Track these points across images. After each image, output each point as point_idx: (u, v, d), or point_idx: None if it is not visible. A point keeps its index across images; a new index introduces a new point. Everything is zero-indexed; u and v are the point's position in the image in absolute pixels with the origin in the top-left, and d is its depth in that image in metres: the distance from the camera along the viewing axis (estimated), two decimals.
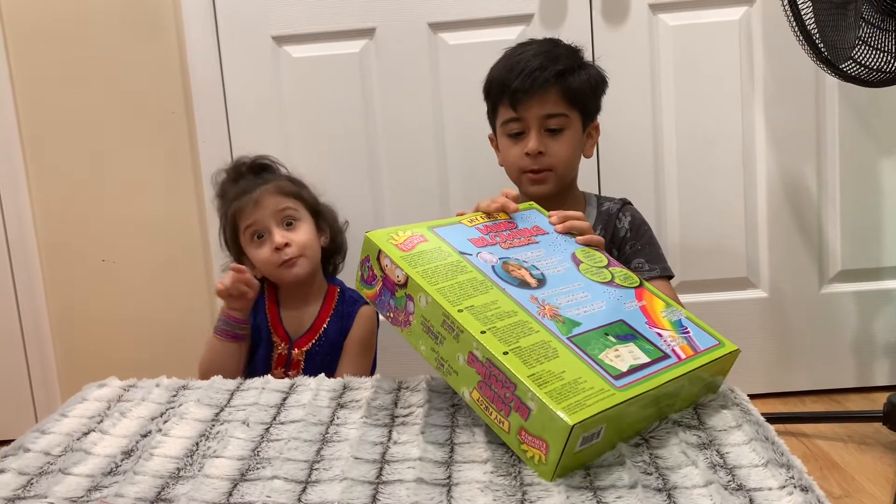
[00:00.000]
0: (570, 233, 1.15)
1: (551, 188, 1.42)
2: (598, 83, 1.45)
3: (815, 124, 1.82)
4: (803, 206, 1.85)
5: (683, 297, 1.85)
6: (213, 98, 1.85)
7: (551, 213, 1.18)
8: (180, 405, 1.05)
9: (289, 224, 1.58)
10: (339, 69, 1.84)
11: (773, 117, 1.82)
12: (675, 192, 1.85)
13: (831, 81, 1.77)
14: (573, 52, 1.45)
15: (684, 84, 1.81)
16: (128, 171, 1.93)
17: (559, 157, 1.40)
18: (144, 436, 0.95)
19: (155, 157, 1.92)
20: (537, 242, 1.09)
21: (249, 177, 1.65)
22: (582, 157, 1.48)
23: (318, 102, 1.85)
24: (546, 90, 1.37)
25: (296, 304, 1.63)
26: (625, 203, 1.50)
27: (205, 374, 1.53)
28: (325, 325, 1.61)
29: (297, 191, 1.64)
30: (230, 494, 0.79)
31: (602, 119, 1.50)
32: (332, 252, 1.70)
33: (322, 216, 1.66)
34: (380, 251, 0.97)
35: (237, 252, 1.64)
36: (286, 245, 1.54)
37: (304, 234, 1.58)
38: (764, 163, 1.84)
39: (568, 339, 0.89)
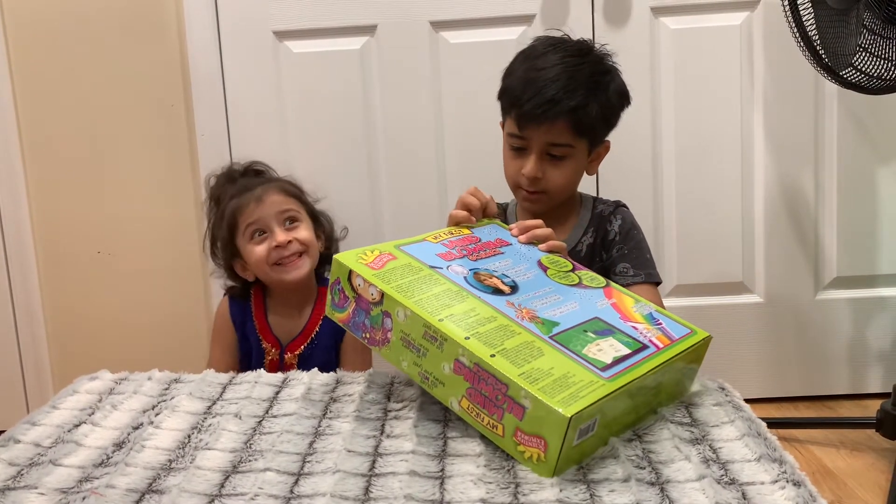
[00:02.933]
0: (532, 242, 1.16)
1: (543, 209, 1.40)
2: (616, 109, 1.38)
3: (813, 131, 1.83)
4: (800, 212, 1.86)
5: (679, 301, 1.86)
6: (213, 92, 1.85)
7: (511, 225, 1.19)
8: (172, 398, 1.04)
9: (290, 223, 1.57)
10: (339, 65, 1.84)
11: (771, 123, 1.83)
12: (673, 195, 1.85)
13: (831, 88, 1.78)
14: (597, 75, 1.35)
15: (684, 88, 1.82)
16: (125, 163, 1.92)
17: (555, 184, 1.37)
18: (136, 428, 0.95)
19: (153, 150, 1.92)
20: (503, 253, 1.10)
21: (247, 177, 1.65)
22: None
23: (317, 98, 1.85)
24: (555, 122, 1.31)
25: (286, 309, 1.62)
26: (618, 206, 1.47)
27: None
28: (317, 328, 1.60)
29: (299, 193, 1.64)
30: (222, 486, 0.79)
31: None
32: (326, 259, 1.69)
33: (319, 222, 1.66)
34: (350, 272, 0.97)
35: (230, 254, 1.62)
36: (288, 242, 1.54)
37: (305, 232, 1.58)
38: (762, 168, 1.84)
39: (550, 338, 0.89)
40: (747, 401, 1.00)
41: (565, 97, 1.29)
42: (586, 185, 1.57)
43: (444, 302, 0.92)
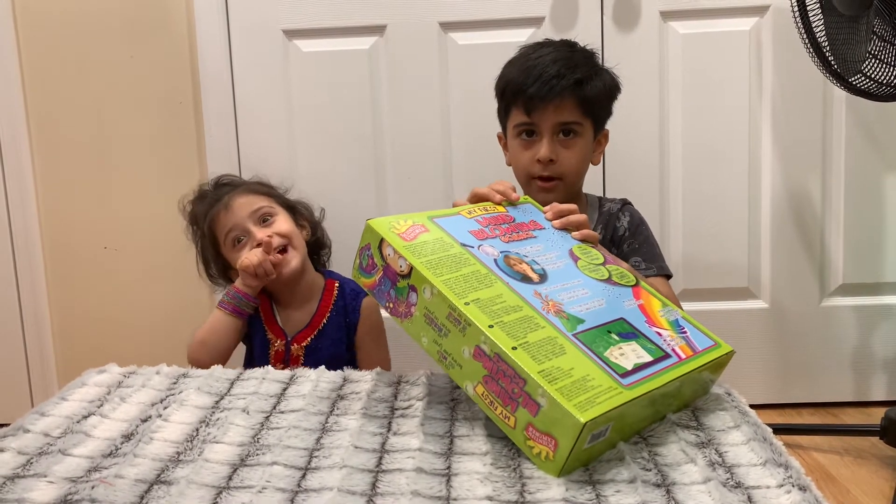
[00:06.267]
0: (566, 228, 1.15)
1: (559, 196, 1.40)
2: (612, 90, 1.44)
3: (821, 137, 1.83)
4: (807, 218, 1.85)
5: (684, 306, 1.85)
6: (222, 89, 1.86)
7: (546, 207, 1.18)
8: (180, 392, 1.05)
9: (265, 221, 1.58)
10: (348, 65, 1.84)
11: (779, 128, 1.83)
12: (680, 199, 1.86)
13: (839, 94, 1.78)
14: (589, 58, 1.43)
15: (692, 92, 1.82)
16: (133, 159, 1.93)
17: (570, 165, 1.40)
18: (144, 420, 0.96)
19: (161, 147, 1.92)
20: (535, 237, 1.08)
21: (216, 190, 1.66)
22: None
23: (325, 97, 1.85)
24: (563, 98, 1.36)
25: (292, 302, 1.62)
26: (625, 203, 1.51)
27: (198, 343, 1.52)
28: (325, 320, 1.60)
29: (267, 190, 1.65)
30: (230, 479, 0.79)
31: (609, 125, 1.50)
32: (316, 246, 1.70)
33: (297, 212, 1.66)
34: (382, 240, 0.96)
35: (222, 268, 1.64)
36: (269, 239, 1.53)
37: (284, 225, 1.58)
38: (769, 173, 1.84)
39: (573, 335, 0.89)
40: (751, 407, 1.00)
41: (568, 72, 1.36)
42: (594, 191, 1.57)
43: (472, 284, 0.91)
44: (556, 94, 1.35)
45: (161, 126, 1.92)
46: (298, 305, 1.62)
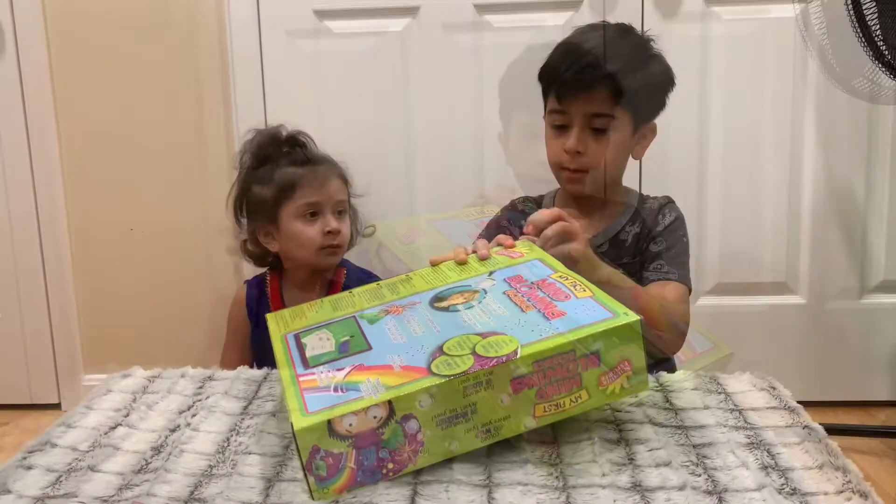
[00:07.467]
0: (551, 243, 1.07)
1: (586, 189, 1.34)
2: (660, 83, 1.35)
3: (867, 130, 1.77)
4: (849, 213, 1.80)
5: (719, 300, 1.82)
6: (251, 70, 1.82)
7: (527, 223, 1.10)
8: (207, 397, 1.01)
9: (339, 212, 1.59)
10: (380, 46, 1.80)
11: (823, 120, 1.77)
12: (719, 191, 1.81)
13: (887, 85, 1.71)
14: (639, 46, 1.35)
15: (734, 81, 1.77)
16: (162, 143, 1.91)
17: (598, 159, 1.32)
18: (173, 430, 0.92)
19: (190, 130, 1.90)
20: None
21: (297, 148, 1.62)
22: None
23: (357, 79, 1.82)
24: (595, 88, 1.28)
25: (302, 284, 1.63)
26: (668, 201, 1.42)
27: None
28: None
29: (348, 182, 1.65)
30: (267, 495, 0.76)
31: None
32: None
33: (355, 215, 1.68)
34: (329, 422, 0.75)
35: (263, 218, 1.60)
36: (338, 232, 1.56)
37: (348, 227, 1.61)
38: (811, 166, 1.79)
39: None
40: None
41: (606, 61, 1.28)
42: (630, 183, 1.52)
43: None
44: (588, 84, 1.28)
45: (190, 109, 1.88)
46: (306, 293, 1.61)
